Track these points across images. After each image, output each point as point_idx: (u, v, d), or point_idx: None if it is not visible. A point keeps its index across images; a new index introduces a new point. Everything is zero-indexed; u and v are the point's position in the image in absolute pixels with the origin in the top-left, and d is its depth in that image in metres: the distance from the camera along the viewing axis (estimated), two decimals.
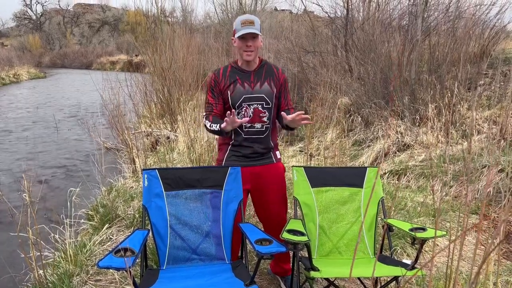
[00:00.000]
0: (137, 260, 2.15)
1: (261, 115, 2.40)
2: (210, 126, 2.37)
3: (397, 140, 5.92)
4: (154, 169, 2.28)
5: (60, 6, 57.47)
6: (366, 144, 6.23)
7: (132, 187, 4.64)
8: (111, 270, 2.73)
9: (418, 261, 2.09)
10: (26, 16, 56.36)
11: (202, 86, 7.56)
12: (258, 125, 2.41)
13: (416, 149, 5.66)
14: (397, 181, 5.06)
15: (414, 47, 6.63)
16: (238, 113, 2.38)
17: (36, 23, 55.22)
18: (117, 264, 1.69)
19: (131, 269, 1.90)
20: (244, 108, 2.38)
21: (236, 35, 2.32)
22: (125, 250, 1.82)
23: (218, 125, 2.31)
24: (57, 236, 3.25)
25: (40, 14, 56.57)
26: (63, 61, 40.49)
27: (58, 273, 2.74)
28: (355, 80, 7.53)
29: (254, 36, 2.32)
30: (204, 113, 2.48)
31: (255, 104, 2.39)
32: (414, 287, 2.62)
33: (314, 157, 5.42)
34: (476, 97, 6.44)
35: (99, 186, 4.45)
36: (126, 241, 1.92)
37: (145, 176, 2.27)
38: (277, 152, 2.56)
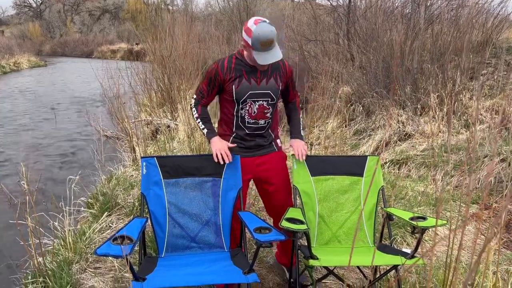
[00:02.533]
0: (136, 248, 2.15)
1: (265, 111, 2.34)
2: (196, 118, 2.40)
3: (398, 129, 5.89)
4: (153, 157, 2.27)
5: None
6: (367, 133, 6.21)
7: (132, 175, 4.63)
8: (110, 258, 2.74)
9: (418, 250, 2.08)
10: (26, 4, 55.92)
11: (203, 74, 7.51)
12: (261, 121, 2.36)
13: (417, 139, 5.63)
14: (398, 171, 5.05)
15: (417, 35, 6.57)
16: (242, 109, 2.32)
17: (36, 11, 54.83)
18: (114, 251, 1.68)
19: (130, 256, 1.90)
20: (249, 104, 2.31)
21: (255, 56, 2.16)
22: (123, 237, 1.81)
23: (205, 128, 2.36)
24: (56, 223, 3.25)
25: (40, 2, 56.13)
26: (63, 49, 40.27)
27: (58, 260, 2.74)
28: (357, 69, 7.47)
29: None
30: (194, 97, 2.42)
31: (260, 100, 2.31)
32: (414, 276, 2.62)
33: (313, 145, 5.40)
34: (479, 86, 6.39)
35: (99, 174, 4.45)
36: (124, 229, 1.91)
37: (144, 164, 2.25)
38: (278, 141, 2.52)
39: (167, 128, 6.33)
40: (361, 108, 6.85)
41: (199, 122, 2.39)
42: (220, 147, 2.29)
